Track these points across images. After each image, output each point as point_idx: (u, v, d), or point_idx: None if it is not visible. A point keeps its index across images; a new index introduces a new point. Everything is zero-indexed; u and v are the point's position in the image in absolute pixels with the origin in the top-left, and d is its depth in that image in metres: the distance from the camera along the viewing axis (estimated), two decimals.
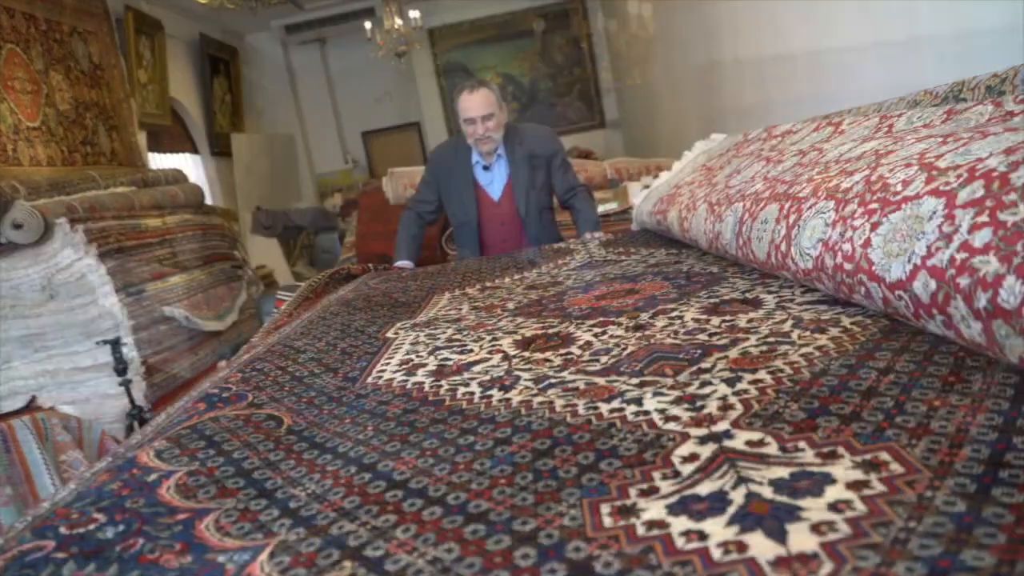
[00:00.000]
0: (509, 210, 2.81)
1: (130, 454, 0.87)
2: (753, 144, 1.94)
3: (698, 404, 0.78)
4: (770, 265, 1.23)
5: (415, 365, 1.13)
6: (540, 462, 0.72)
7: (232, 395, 1.06)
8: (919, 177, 0.89)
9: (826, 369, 0.82)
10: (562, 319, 1.29)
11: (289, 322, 1.94)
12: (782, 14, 3.20)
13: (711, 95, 4.57)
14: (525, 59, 9.44)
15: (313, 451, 0.84)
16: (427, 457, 0.77)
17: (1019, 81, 1.19)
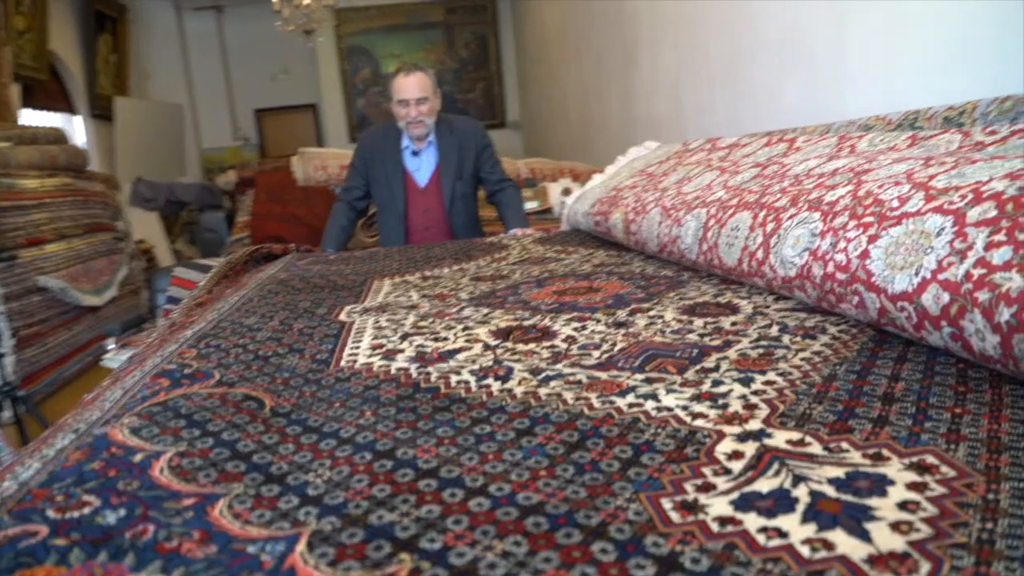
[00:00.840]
0: (435, 197, 2.78)
1: (96, 431, 0.78)
2: (697, 154, 1.98)
3: (720, 402, 0.78)
4: (739, 272, 1.26)
5: (390, 350, 1.08)
6: (576, 454, 0.69)
7: (196, 372, 0.97)
8: (916, 195, 0.93)
9: (835, 374, 0.84)
10: (532, 312, 1.26)
11: (213, 299, 1.82)
12: (703, 34, 3.31)
13: (626, 105, 4.67)
14: (432, 51, 9.35)
15: (311, 435, 0.78)
16: (447, 446, 0.73)
17: (978, 115, 1.28)
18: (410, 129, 2.70)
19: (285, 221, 5.19)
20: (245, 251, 2.24)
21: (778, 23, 2.60)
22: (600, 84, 5.27)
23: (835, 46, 2.29)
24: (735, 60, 2.99)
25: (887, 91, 2.07)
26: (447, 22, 9.37)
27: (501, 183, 2.83)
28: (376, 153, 2.78)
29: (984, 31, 1.71)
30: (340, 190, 2.97)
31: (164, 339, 1.29)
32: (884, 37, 2.08)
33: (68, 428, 0.82)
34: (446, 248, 2.24)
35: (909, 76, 2.00)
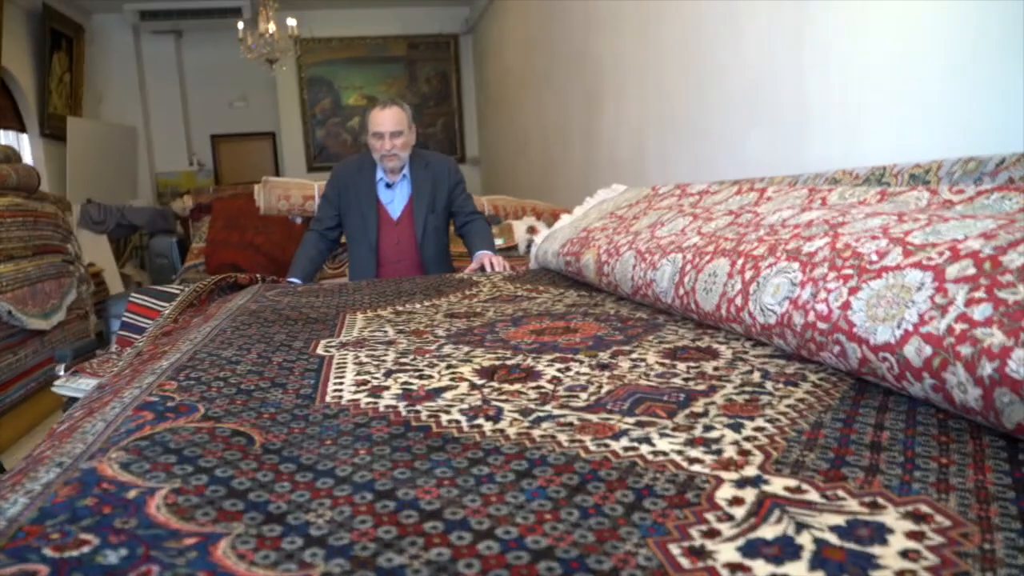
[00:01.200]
0: (407, 230, 2.79)
1: (83, 465, 0.76)
2: (667, 199, 2.03)
3: (714, 448, 0.80)
4: (717, 317, 1.29)
5: (376, 387, 1.07)
6: (578, 498, 0.70)
7: (180, 405, 0.95)
8: (894, 250, 0.97)
9: (821, 422, 0.86)
10: (512, 351, 1.27)
11: (179, 328, 1.79)
12: (669, 82, 3.41)
13: (588, 147, 4.75)
14: (393, 85, 9.41)
15: (306, 473, 0.77)
16: (448, 487, 0.73)
17: (943, 174, 1.34)
18: (384, 162, 2.73)
19: (242, 249, 5.12)
20: (211, 280, 2.20)
21: (743, 77, 2.70)
22: (562, 125, 5.37)
23: (797, 101, 2.38)
24: (701, 109, 3.08)
25: (846, 144, 2.16)
26: (409, 57, 9.45)
27: (472, 215, 2.86)
28: (350, 184, 2.80)
29: (942, 90, 1.81)
30: (312, 220, 2.96)
31: (137, 369, 1.26)
32: (842, 94, 2.17)
33: (50, 461, 0.79)
34: (416, 283, 2.24)
35: (867, 131, 2.08)
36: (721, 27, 2.82)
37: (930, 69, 1.82)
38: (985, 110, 1.67)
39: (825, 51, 2.22)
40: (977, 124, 1.69)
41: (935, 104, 1.81)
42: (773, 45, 2.48)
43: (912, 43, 1.87)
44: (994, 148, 1.59)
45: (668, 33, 3.32)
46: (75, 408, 1.22)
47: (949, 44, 1.77)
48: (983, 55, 1.67)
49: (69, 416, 1.10)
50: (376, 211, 2.77)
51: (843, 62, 2.14)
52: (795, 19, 2.35)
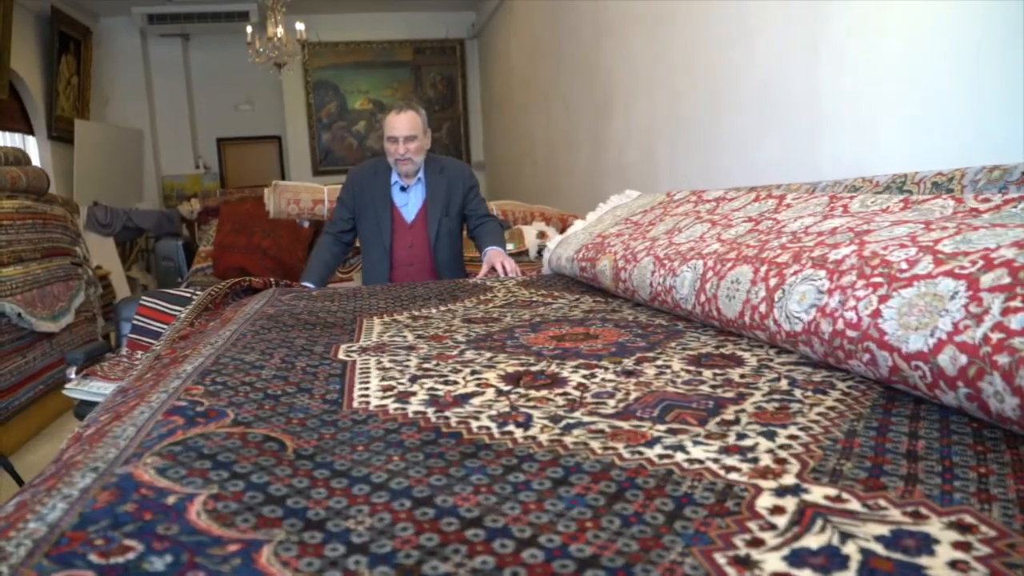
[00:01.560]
0: (420, 233, 2.80)
1: (118, 470, 0.75)
2: (683, 205, 2.03)
3: (749, 456, 0.80)
4: (740, 324, 1.29)
5: (402, 392, 1.07)
6: (618, 505, 0.70)
7: (210, 410, 0.95)
8: (924, 258, 0.97)
9: (854, 430, 0.86)
10: (536, 357, 1.27)
11: (196, 332, 1.79)
12: (679, 89, 3.41)
13: (596, 153, 4.76)
14: (399, 89, 9.41)
15: (341, 479, 0.76)
16: (485, 494, 0.73)
17: (967, 182, 1.34)
18: (398, 166, 2.74)
19: (250, 253, 5.13)
20: (226, 284, 2.20)
21: (755, 82, 2.70)
22: (569, 130, 5.37)
23: (810, 105, 2.38)
24: (711, 114, 3.08)
25: (859, 149, 2.16)
26: (415, 62, 9.46)
27: (485, 218, 2.87)
28: (366, 187, 2.81)
29: (958, 96, 1.81)
30: (327, 224, 2.97)
31: (160, 373, 1.26)
32: (855, 99, 2.17)
33: (84, 466, 0.79)
34: (430, 288, 2.24)
35: (880, 137, 2.08)
36: (733, 30, 2.82)
37: (947, 75, 1.83)
38: (1003, 117, 1.67)
39: (839, 55, 2.22)
40: (995, 131, 1.69)
41: (951, 110, 1.81)
42: (786, 48, 2.48)
43: (929, 48, 1.88)
44: (1012, 156, 1.59)
45: (678, 37, 3.33)
46: (98, 411, 1.22)
47: (966, 50, 1.77)
48: (1001, 62, 1.67)
49: (94, 420, 1.10)
50: (390, 214, 2.78)
51: (857, 67, 2.14)
52: (808, 22, 2.35)
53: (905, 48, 1.96)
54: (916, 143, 1.93)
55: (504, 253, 2.68)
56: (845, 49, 2.19)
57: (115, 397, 1.26)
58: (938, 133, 1.87)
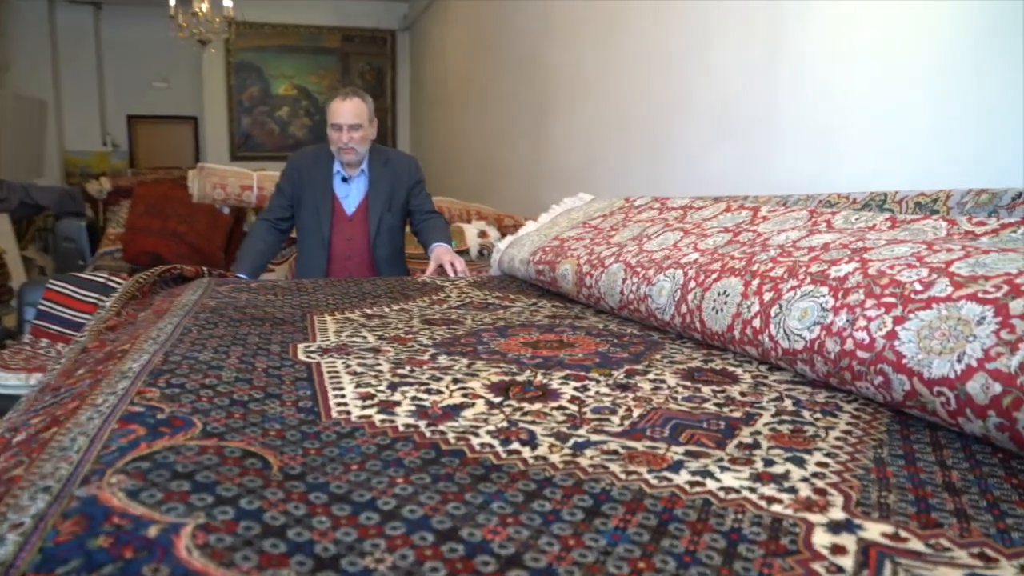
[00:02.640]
0: (360, 227, 2.67)
1: (78, 492, 0.64)
2: (646, 212, 1.99)
3: (785, 485, 0.74)
4: (727, 338, 1.24)
5: (384, 402, 0.98)
6: (665, 542, 0.63)
7: (173, 418, 0.83)
8: (939, 280, 0.94)
9: (881, 458, 0.82)
10: (517, 365, 1.19)
11: (124, 322, 1.63)
12: (628, 95, 3.39)
13: (535, 154, 4.71)
14: (325, 76, 9.15)
15: (343, 505, 0.67)
16: (514, 526, 0.65)
17: (953, 204, 1.34)
18: (340, 155, 2.60)
19: (164, 237, 4.83)
20: (155, 271, 2.03)
21: (711, 92, 2.70)
22: (507, 130, 5.31)
23: (768, 118, 2.39)
24: (662, 122, 3.07)
25: (817, 165, 2.17)
26: (343, 50, 9.22)
27: (430, 214, 2.76)
28: (306, 175, 2.65)
29: (924, 119, 1.83)
30: (263, 210, 2.80)
31: (96, 370, 1.11)
32: (815, 116, 2.19)
33: (31, 485, 0.67)
34: (378, 285, 2.13)
35: (840, 154, 2.10)
36: (691, 41, 2.82)
37: (910, 95, 1.85)
38: (967, 137, 1.70)
39: (800, 72, 2.23)
40: (958, 151, 1.72)
41: (914, 130, 1.84)
42: (745, 63, 2.48)
43: (893, 68, 1.90)
44: (975, 176, 1.62)
45: (632, 44, 3.31)
46: (21, 412, 1.07)
47: (930, 71, 1.79)
48: (965, 82, 1.70)
49: (23, 423, 0.96)
50: (331, 205, 2.64)
51: (819, 84, 2.15)
52: (769, 38, 2.36)
53: (869, 67, 1.98)
54: (880, 164, 1.96)
55: (452, 251, 2.59)
56: (807, 67, 2.20)
57: (41, 395, 1.11)
58: (900, 152, 1.89)
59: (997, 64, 1.64)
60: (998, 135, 1.64)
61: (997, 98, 1.64)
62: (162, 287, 2.07)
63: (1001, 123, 1.63)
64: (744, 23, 2.48)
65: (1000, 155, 1.61)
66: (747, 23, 2.46)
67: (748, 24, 2.46)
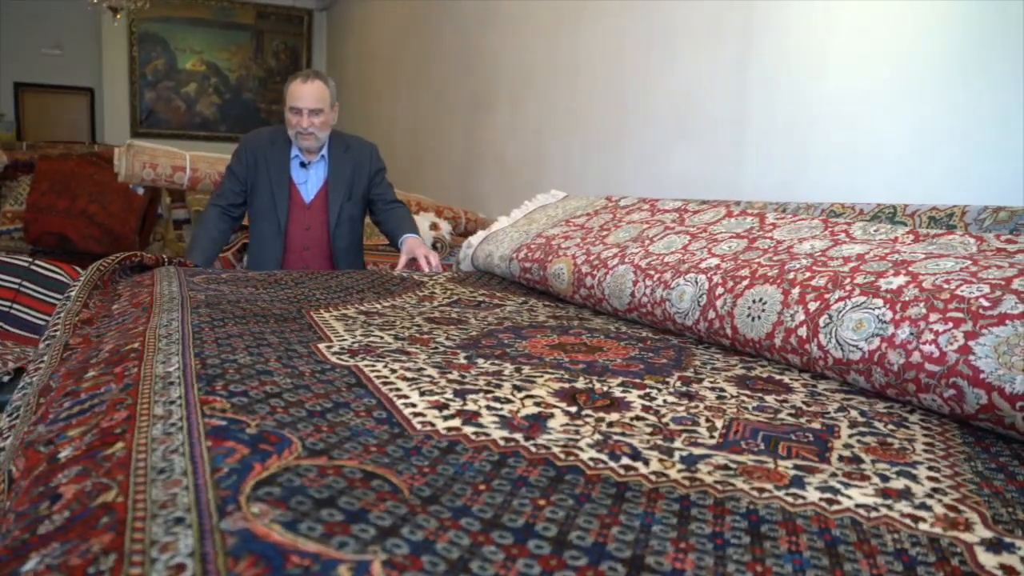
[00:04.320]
0: (319, 215, 2.55)
1: (225, 525, 0.57)
2: (635, 213, 1.99)
3: (916, 502, 0.75)
4: (766, 345, 1.25)
5: (463, 412, 0.92)
6: (848, 567, 0.62)
7: (267, 434, 0.76)
8: (1007, 298, 0.98)
9: (980, 471, 0.84)
10: (565, 371, 1.16)
11: (98, 315, 1.50)
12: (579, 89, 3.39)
13: (473, 145, 4.66)
14: (237, 53, 8.76)
15: (503, 533, 0.62)
16: (689, 551, 0.62)
17: (970, 220, 1.40)
18: (299, 140, 2.47)
19: (72, 218, 4.50)
20: (115, 259, 1.87)
21: (672, 93, 2.73)
22: (440, 120, 5.23)
23: (734, 124, 2.44)
24: (618, 121, 3.08)
25: (787, 175, 2.23)
26: (258, 27, 8.85)
27: (393, 203, 2.67)
28: (260, 157, 2.50)
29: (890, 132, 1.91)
30: (213, 195, 2.62)
31: (116, 373, 1.01)
32: (787, 126, 2.25)
33: (158, 516, 0.59)
34: (355, 278, 2.04)
35: (811, 166, 2.17)
36: (652, 40, 2.83)
37: (887, 110, 1.92)
38: (939, 154, 1.78)
39: (772, 78, 2.29)
40: (930, 167, 1.80)
41: (890, 146, 1.91)
42: (713, 64, 2.52)
43: (870, 82, 1.97)
44: (948, 192, 1.70)
45: (587, 40, 3.30)
46: (33, 420, 0.96)
47: (906, 86, 1.87)
48: (940, 99, 1.78)
49: (56, 435, 0.85)
50: (288, 192, 2.51)
51: (792, 92, 2.21)
52: (742, 42, 2.40)
53: (844, 78, 2.05)
54: (847, 171, 2.03)
55: (423, 243, 2.51)
56: (780, 73, 2.25)
57: (57, 400, 0.99)
58: (872, 163, 1.96)
59: (973, 79, 1.72)
60: (973, 150, 1.73)
61: (973, 113, 1.73)
62: (122, 275, 1.91)
63: (977, 139, 1.72)
64: (713, 24, 2.51)
65: (974, 170, 1.70)
66: (717, 25, 2.50)
67: (718, 26, 2.49)
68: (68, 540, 0.60)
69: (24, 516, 0.68)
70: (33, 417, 0.98)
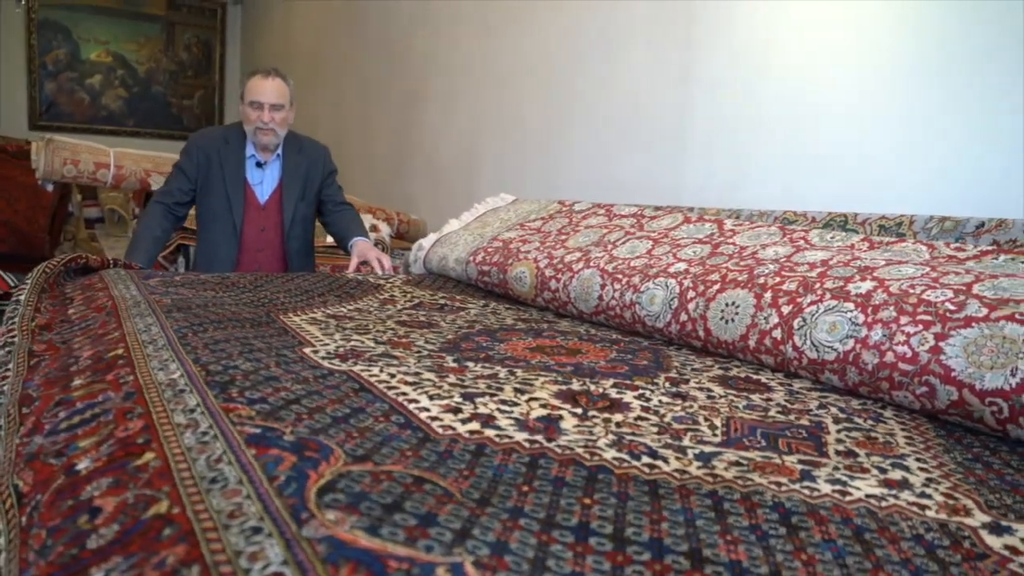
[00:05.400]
0: (273, 217, 2.50)
1: (308, 533, 0.57)
2: (591, 217, 2.04)
3: (916, 491, 0.81)
4: (739, 347, 1.32)
5: (476, 415, 0.94)
6: (879, 552, 0.67)
7: (307, 441, 0.76)
8: (971, 302, 1.07)
9: (959, 460, 0.92)
10: (556, 374, 1.19)
11: (54, 320, 1.43)
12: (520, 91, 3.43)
13: (400, 145, 4.63)
14: (146, 46, 8.40)
15: (562, 532, 0.65)
16: (740, 543, 0.66)
17: (918, 229, 1.50)
18: (258, 136, 2.41)
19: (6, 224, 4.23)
20: (60, 261, 1.78)
21: (616, 98, 2.80)
22: (368, 119, 5.18)
23: (678, 132, 2.53)
24: (560, 124, 3.13)
25: (728, 182, 2.33)
26: (169, 18, 8.51)
27: (342, 205, 2.66)
28: (213, 157, 2.43)
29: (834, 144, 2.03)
30: (158, 192, 2.52)
31: (110, 380, 0.97)
32: (730, 135, 2.35)
33: (230, 527, 0.58)
34: (312, 281, 2.01)
35: (752, 174, 2.27)
36: (596, 44, 2.89)
37: (829, 123, 2.04)
38: (881, 168, 1.91)
39: (715, 89, 2.38)
40: (876, 175, 1.92)
41: (832, 160, 2.03)
42: (656, 72, 2.60)
43: (813, 95, 2.08)
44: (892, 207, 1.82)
45: (522, 43, 3.34)
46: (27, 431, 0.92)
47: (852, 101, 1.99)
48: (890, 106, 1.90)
49: (65, 447, 0.82)
50: (243, 192, 2.45)
51: (735, 104, 2.31)
52: (683, 53, 2.49)
53: (787, 91, 2.16)
54: (789, 182, 2.14)
55: (373, 246, 2.50)
56: (724, 84, 2.35)
57: (51, 412, 0.95)
58: (813, 174, 2.08)
59: (918, 93, 1.84)
60: (915, 162, 1.85)
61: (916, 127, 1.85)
62: (66, 277, 1.82)
63: (919, 151, 1.84)
64: (655, 32, 2.59)
65: (914, 180, 1.82)
66: (659, 33, 2.57)
67: (660, 34, 2.57)
68: (131, 553, 0.59)
69: (61, 531, 0.66)
70: (22, 428, 0.94)
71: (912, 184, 1.83)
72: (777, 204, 2.10)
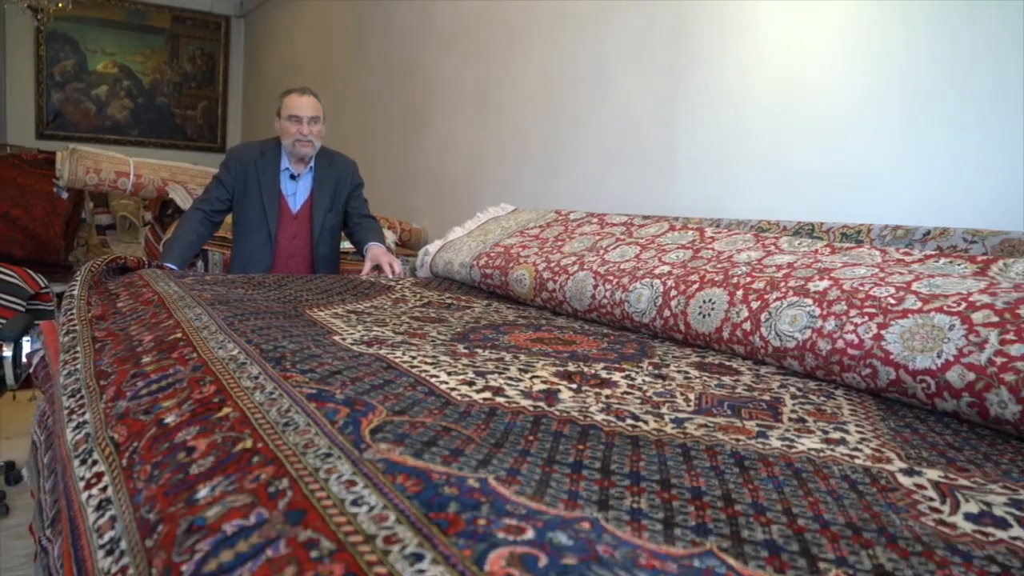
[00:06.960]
0: (304, 226, 2.71)
1: (369, 456, 0.74)
2: (585, 225, 2.22)
3: (852, 446, 0.99)
4: (714, 338, 1.50)
5: (488, 387, 1.12)
6: (812, 485, 0.85)
7: (354, 399, 0.93)
8: (908, 297, 1.25)
9: (893, 427, 1.10)
10: (557, 359, 1.37)
11: (107, 312, 1.61)
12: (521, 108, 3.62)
13: (407, 159, 4.81)
14: (151, 58, 8.58)
15: (562, 467, 0.82)
16: (708, 476, 0.84)
17: (874, 236, 1.69)
18: (297, 148, 2.61)
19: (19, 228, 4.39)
20: (102, 261, 1.96)
21: (608, 118, 2.99)
22: (373, 135, 5.36)
23: (665, 151, 2.72)
24: (556, 141, 3.33)
25: (714, 195, 2.52)
26: (173, 31, 8.70)
27: (365, 217, 2.85)
28: (251, 169, 2.63)
29: (810, 163, 2.22)
30: (196, 199, 2.71)
31: (177, 358, 1.15)
32: (712, 151, 2.54)
33: (310, 452, 0.76)
34: (329, 282, 2.19)
35: (736, 188, 2.46)
36: (590, 68, 3.09)
37: (807, 146, 2.23)
38: (853, 184, 2.10)
39: (700, 111, 2.57)
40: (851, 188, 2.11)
41: (809, 178, 2.22)
42: (645, 94, 2.79)
43: (793, 119, 2.27)
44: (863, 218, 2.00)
45: (528, 65, 3.53)
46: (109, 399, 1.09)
47: (826, 127, 2.18)
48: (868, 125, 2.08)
49: (150, 406, 1.00)
50: (278, 202, 2.65)
51: (719, 125, 2.50)
52: (669, 77, 2.69)
53: (767, 114, 2.35)
54: (769, 198, 2.33)
55: (387, 251, 2.68)
56: (709, 106, 2.54)
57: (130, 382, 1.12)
58: (791, 190, 2.27)
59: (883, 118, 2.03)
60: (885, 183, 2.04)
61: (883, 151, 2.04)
62: (107, 276, 2.00)
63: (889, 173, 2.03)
64: (643, 57, 2.78)
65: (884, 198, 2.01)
66: (646, 58, 2.77)
67: (648, 59, 2.77)
68: (230, 473, 0.76)
69: (164, 464, 0.84)
70: (104, 396, 1.11)
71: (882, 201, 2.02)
72: (754, 214, 2.29)
